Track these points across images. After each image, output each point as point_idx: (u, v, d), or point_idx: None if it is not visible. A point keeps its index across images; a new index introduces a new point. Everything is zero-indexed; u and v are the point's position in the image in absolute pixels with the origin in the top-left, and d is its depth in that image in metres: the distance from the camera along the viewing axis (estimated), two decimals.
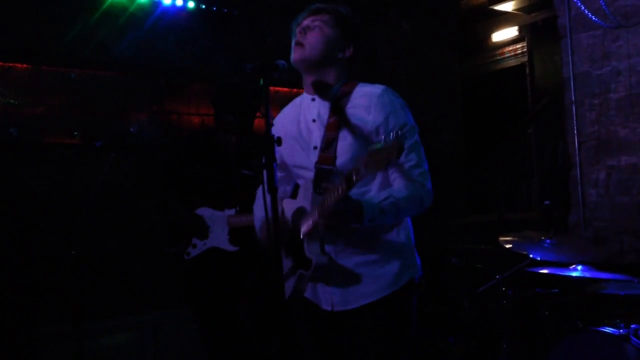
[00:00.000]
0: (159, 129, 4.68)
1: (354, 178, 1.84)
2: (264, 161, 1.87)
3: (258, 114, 3.59)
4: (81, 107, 4.39)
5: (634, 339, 2.71)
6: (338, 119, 2.19)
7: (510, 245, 3.38)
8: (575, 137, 4.54)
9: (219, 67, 4.85)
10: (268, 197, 1.84)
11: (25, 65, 4.22)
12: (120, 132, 3.19)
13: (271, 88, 2.15)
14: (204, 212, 3.43)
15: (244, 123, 3.46)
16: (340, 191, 1.91)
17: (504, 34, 7.92)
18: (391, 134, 1.75)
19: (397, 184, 2.16)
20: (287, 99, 2.50)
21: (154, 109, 4.69)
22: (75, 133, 4.37)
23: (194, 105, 4.86)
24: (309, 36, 2.20)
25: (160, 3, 4.71)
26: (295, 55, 2.23)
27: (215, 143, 3.50)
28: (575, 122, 4.55)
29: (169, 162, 3.60)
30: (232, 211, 3.39)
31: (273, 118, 2.06)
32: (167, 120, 4.73)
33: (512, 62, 8.00)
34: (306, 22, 2.23)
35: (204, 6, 4.94)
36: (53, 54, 4.29)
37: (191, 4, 4.86)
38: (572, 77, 4.57)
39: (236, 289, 3.41)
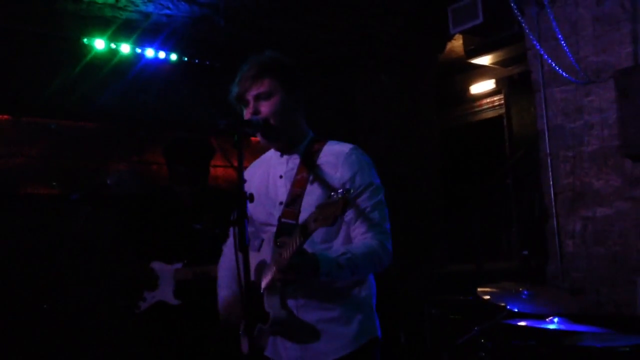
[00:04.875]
0: (138, 180, 4.68)
1: (308, 232, 1.86)
2: (235, 217, 1.87)
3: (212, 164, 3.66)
4: (60, 157, 4.39)
5: None
6: (305, 176, 2.22)
7: (489, 297, 3.39)
8: (551, 188, 4.62)
9: (200, 119, 4.91)
10: (240, 256, 1.84)
11: (4, 117, 4.23)
12: (97, 184, 3.21)
13: (252, 139, 2.19)
14: (155, 265, 3.43)
15: (196, 174, 3.53)
16: (295, 245, 1.93)
17: (481, 86, 8.08)
18: (339, 190, 1.79)
19: (357, 241, 2.18)
20: (266, 150, 2.52)
21: (133, 160, 4.71)
22: (54, 183, 4.36)
23: None
24: (263, 108, 2.23)
25: (142, 55, 4.78)
26: (260, 139, 2.25)
27: (171, 195, 3.56)
28: (550, 173, 4.63)
29: (127, 215, 3.64)
30: (179, 265, 3.38)
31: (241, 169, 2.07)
32: (147, 170, 4.75)
33: (490, 114, 8.14)
34: (251, 93, 2.24)
35: (186, 59, 5.02)
36: (34, 105, 4.32)
37: (174, 57, 4.94)
38: (546, 129, 4.68)
39: (181, 345, 3.40)
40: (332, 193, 1.81)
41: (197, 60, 5.06)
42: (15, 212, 4.20)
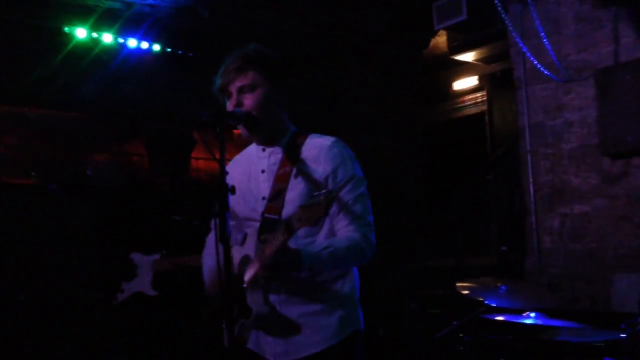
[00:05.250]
0: (119, 171, 4.65)
1: (291, 230, 1.87)
2: (217, 209, 1.87)
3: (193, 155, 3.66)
4: (39, 147, 4.35)
5: None
6: (288, 170, 2.22)
7: (467, 292, 3.43)
8: (531, 185, 4.67)
9: (182, 110, 4.88)
10: (220, 247, 1.84)
11: None
12: (76, 175, 3.19)
13: (235, 131, 2.19)
14: (134, 256, 3.42)
15: (176, 165, 3.53)
16: (279, 242, 1.94)
17: (464, 82, 8.14)
18: (323, 191, 1.79)
19: (340, 234, 2.19)
20: (249, 142, 2.51)
21: (114, 151, 4.67)
22: (33, 173, 4.31)
23: None
24: (247, 101, 2.22)
25: (125, 46, 4.74)
26: (242, 131, 2.24)
27: (151, 187, 3.55)
28: (530, 170, 4.68)
29: (106, 206, 3.62)
30: (157, 256, 3.38)
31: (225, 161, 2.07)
32: (127, 161, 4.71)
33: (472, 110, 8.21)
34: (234, 85, 2.23)
35: (169, 49, 4.98)
36: (14, 94, 4.26)
37: (157, 47, 4.90)
38: (527, 126, 4.73)
39: (159, 335, 3.40)
40: (316, 193, 1.82)
41: (180, 52, 5.02)
42: None
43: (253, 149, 2.39)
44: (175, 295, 3.33)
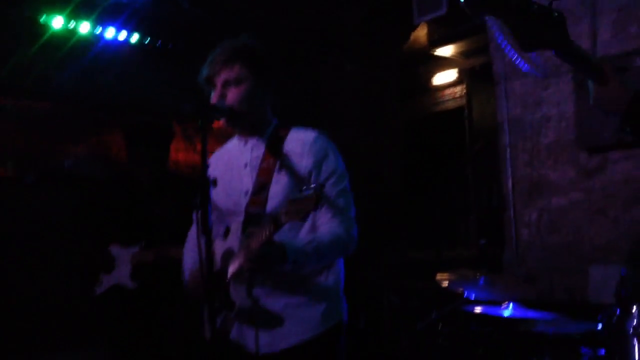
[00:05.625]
0: (97, 162, 4.59)
1: (278, 224, 1.87)
2: (198, 202, 1.86)
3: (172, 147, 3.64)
4: (15, 138, 4.27)
5: None
6: (272, 164, 2.22)
7: (447, 284, 3.46)
8: (509, 178, 4.71)
9: (161, 102, 4.83)
10: (202, 239, 1.83)
11: None
12: (53, 167, 3.15)
13: (215, 124, 2.18)
14: (113, 248, 3.39)
15: (155, 157, 3.51)
16: (264, 235, 1.94)
17: (444, 77, 8.17)
18: (312, 185, 1.80)
19: (323, 229, 2.20)
20: (230, 135, 2.50)
21: (92, 142, 4.61)
22: (9, 164, 4.24)
23: None
24: (231, 94, 2.21)
25: (102, 36, 4.67)
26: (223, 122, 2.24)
27: (130, 179, 3.53)
28: (509, 164, 4.72)
29: (85, 198, 3.59)
30: (136, 248, 3.35)
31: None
32: (105, 153, 4.66)
33: (451, 105, 8.23)
34: (220, 78, 2.22)
35: (148, 40, 4.92)
36: None
37: (134, 38, 4.83)
38: (506, 121, 4.76)
39: (140, 327, 3.38)
40: (305, 187, 1.82)
41: (159, 43, 4.97)
42: None
43: (235, 142, 2.39)
44: (154, 288, 3.31)
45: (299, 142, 2.24)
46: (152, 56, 4.94)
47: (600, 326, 2.78)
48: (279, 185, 2.18)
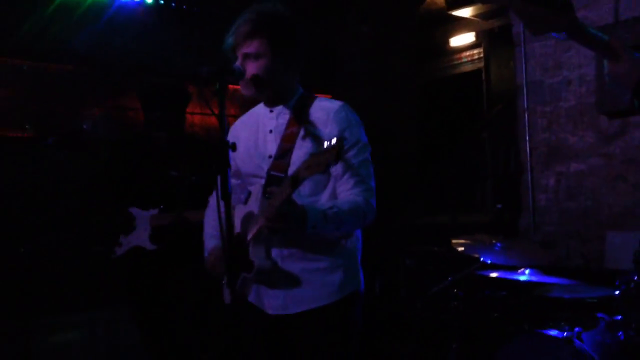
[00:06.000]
0: (114, 125, 4.61)
1: (298, 179, 1.87)
2: (216, 167, 1.86)
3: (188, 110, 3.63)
4: (33, 100, 4.29)
5: (576, 341, 2.80)
6: (295, 131, 2.22)
7: (463, 248, 3.47)
8: (527, 143, 4.66)
9: (177, 64, 4.81)
10: (222, 204, 1.84)
11: None
12: (73, 130, 3.15)
13: (230, 87, 2.17)
14: (132, 211, 3.42)
15: (171, 120, 3.51)
16: (285, 194, 1.94)
17: (461, 39, 8.04)
18: (332, 139, 1.79)
19: (343, 197, 2.20)
20: (247, 99, 2.49)
21: (109, 104, 4.62)
22: (27, 126, 4.27)
23: None
24: (249, 68, 2.20)
25: None
26: (243, 90, 2.24)
27: (147, 141, 3.53)
28: (527, 128, 4.67)
29: (103, 160, 3.60)
30: (155, 210, 3.38)
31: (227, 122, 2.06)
32: (123, 115, 4.67)
33: (469, 67, 8.12)
34: (241, 51, 2.21)
35: (162, 1, 4.89)
36: (5, 46, 4.18)
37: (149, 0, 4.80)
38: (525, 84, 4.69)
39: (160, 288, 3.44)
40: (326, 142, 1.81)
41: (173, 4, 4.93)
42: None
43: (261, 108, 2.39)
44: (173, 250, 3.35)
45: (324, 111, 2.24)
46: (167, 17, 4.90)
47: (617, 292, 2.79)
48: (301, 150, 2.18)
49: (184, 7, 4.97)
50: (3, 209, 3.99)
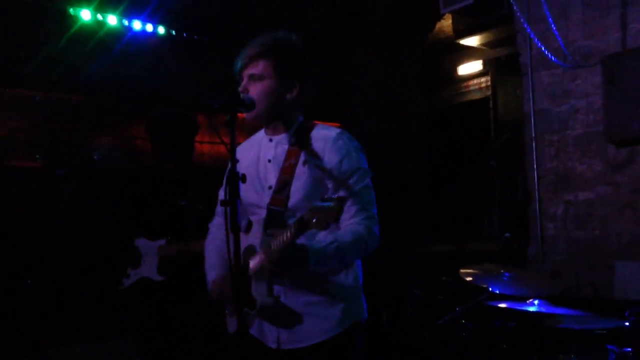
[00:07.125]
0: (124, 154, 4.65)
1: (302, 229, 1.89)
2: (226, 198, 1.87)
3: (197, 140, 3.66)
4: (44, 130, 4.34)
5: None
6: (294, 162, 2.23)
7: (471, 278, 3.44)
8: (535, 171, 4.66)
9: (187, 94, 4.87)
10: (231, 236, 1.85)
11: None
12: (83, 159, 3.18)
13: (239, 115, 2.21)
14: (139, 242, 3.43)
15: (179, 150, 3.52)
16: (286, 238, 1.95)
17: (469, 67, 8.09)
18: (335, 196, 1.81)
19: (344, 227, 2.20)
20: (256, 127, 2.51)
21: (119, 134, 4.67)
22: (37, 156, 4.31)
23: None
24: (253, 89, 2.23)
25: (130, 28, 4.72)
26: (246, 115, 2.26)
27: (156, 172, 3.55)
28: (535, 157, 4.67)
29: (112, 191, 3.62)
30: (163, 241, 3.39)
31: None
32: (132, 145, 4.71)
33: (476, 95, 8.16)
34: (246, 72, 2.26)
35: (174, 32, 4.96)
36: (18, 76, 4.25)
37: (161, 30, 4.88)
38: (532, 113, 4.71)
39: (166, 320, 3.42)
40: (326, 196, 1.83)
41: (185, 34, 5.00)
42: None
43: (261, 136, 2.40)
44: (180, 281, 3.35)
45: (322, 140, 2.25)
46: (178, 48, 4.97)
47: (627, 323, 2.76)
48: (300, 181, 2.19)
49: (196, 37, 5.05)
50: (11, 239, 4.01)
